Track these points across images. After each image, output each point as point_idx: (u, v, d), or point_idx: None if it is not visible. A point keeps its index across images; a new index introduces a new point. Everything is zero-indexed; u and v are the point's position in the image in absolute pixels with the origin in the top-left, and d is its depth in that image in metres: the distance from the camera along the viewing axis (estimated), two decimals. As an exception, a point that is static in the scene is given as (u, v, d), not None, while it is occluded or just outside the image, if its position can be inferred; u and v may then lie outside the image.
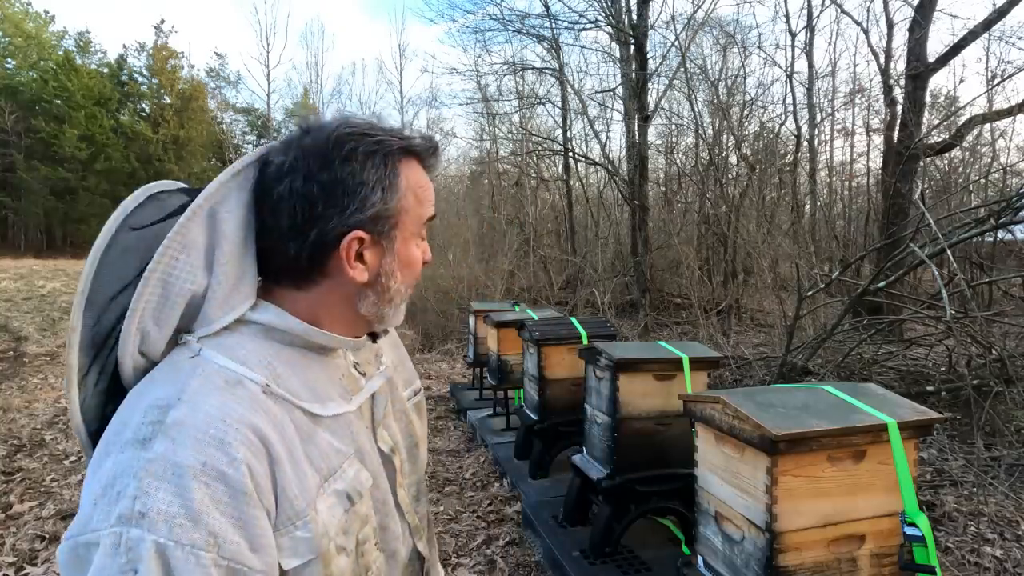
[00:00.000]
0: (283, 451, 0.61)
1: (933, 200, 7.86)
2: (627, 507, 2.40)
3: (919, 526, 1.40)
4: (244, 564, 0.56)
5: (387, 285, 0.72)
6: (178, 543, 0.52)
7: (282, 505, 0.61)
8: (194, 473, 0.54)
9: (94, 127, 29.20)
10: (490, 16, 11.18)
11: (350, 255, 0.68)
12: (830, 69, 12.64)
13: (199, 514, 0.53)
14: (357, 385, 0.76)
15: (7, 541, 2.73)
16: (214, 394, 0.59)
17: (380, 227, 0.69)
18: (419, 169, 0.74)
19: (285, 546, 0.61)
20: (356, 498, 0.69)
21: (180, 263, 0.63)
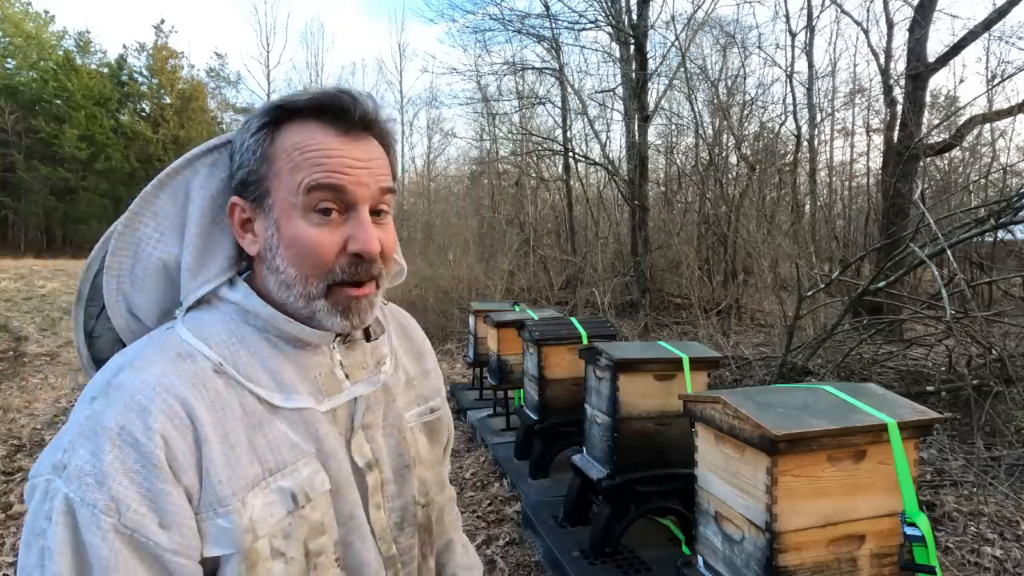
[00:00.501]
0: (214, 432, 0.59)
1: (933, 200, 7.86)
2: (627, 507, 2.40)
3: (919, 526, 1.40)
4: (150, 538, 0.54)
5: (275, 264, 0.65)
6: (83, 501, 0.52)
7: (206, 487, 0.58)
8: (110, 436, 0.54)
9: (94, 127, 29.23)
10: (490, 16, 11.20)
11: (234, 220, 0.67)
12: (830, 69, 12.65)
13: (105, 476, 0.53)
14: (337, 387, 0.70)
15: (7, 541, 2.73)
16: (159, 364, 0.59)
17: (251, 193, 0.65)
18: (312, 131, 0.64)
19: (207, 532, 0.58)
20: (303, 500, 0.63)
21: (148, 228, 0.66)
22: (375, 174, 0.66)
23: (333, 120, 0.65)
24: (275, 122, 0.65)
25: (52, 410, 4.72)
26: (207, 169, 0.68)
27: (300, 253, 0.63)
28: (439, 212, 14.69)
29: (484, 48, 19.43)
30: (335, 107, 0.64)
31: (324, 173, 0.63)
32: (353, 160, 0.64)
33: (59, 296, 11.39)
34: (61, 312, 9.58)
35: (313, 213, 0.63)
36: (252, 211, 0.66)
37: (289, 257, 0.64)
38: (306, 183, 0.62)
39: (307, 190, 0.62)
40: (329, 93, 0.65)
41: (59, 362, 6.37)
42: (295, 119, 0.65)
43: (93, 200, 29.76)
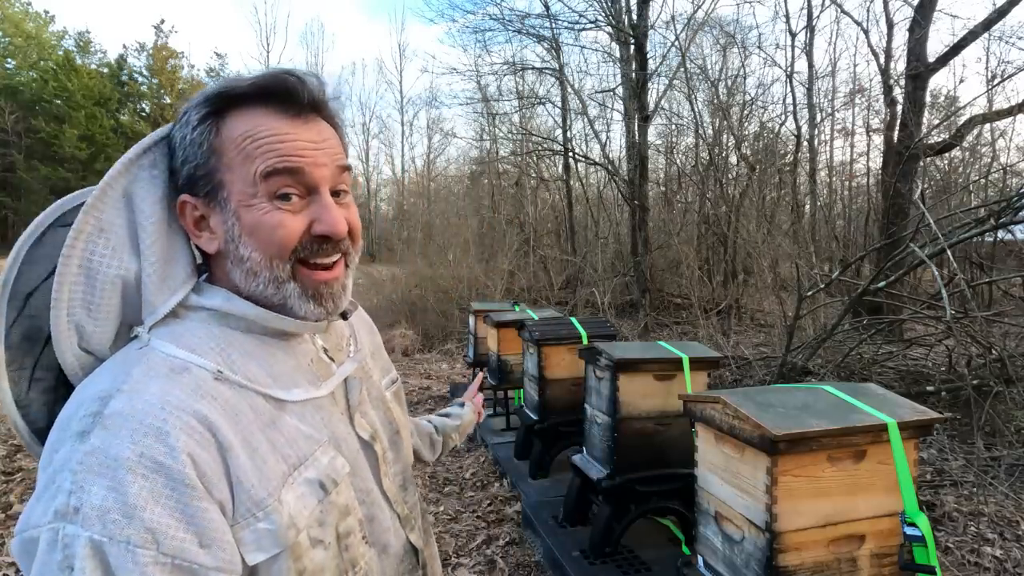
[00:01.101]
0: (236, 439, 0.57)
1: (933, 200, 7.86)
2: (627, 507, 2.40)
3: (919, 526, 1.40)
4: (193, 561, 0.52)
5: (239, 254, 0.62)
6: (112, 539, 0.49)
7: (239, 496, 0.56)
8: (130, 466, 0.51)
9: (94, 127, 29.23)
10: (490, 16, 11.17)
11: (187, 220, 0.64)
12: (830, 69, 12.64)
13: (135, 509, 0.50)
14: (328, 371, 0.71)
15: (7, 541, 2.73)
16: (155, 382, 0.56)
17: (201, 189, 0.63)
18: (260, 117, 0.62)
19: (247, 540, 0.56)
20: (331, 487, 0.64)
21: (99, 246, 0.60)
22: (330, 154, 0.64)
23: (280, 104, 0.62)
24: (217, 112, 0.62)
25: (52, 410, 4.72)
26: (147, 172, 0.64)
27: (264, 237, 0.61)
28: (439, 212, 14.69)
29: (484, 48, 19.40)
30: (281, 90, 0.62)
31: (279, 158, 0.61)
32: (307, 143, 0.62)
33: (59, 296, 11.39)
34: (61, 312, 9.59)
35: (275, 199, 0.61)
36: (205, 207, 0.63)
37: (253, 243, 0.62)
38: (262, 170, 0.60)
39: (263, 177, 0.60)
40: (273, 75, 0.62)
41: (59, 362, 6.37)
42: (239, 106, 0.62)
43: (93, 200, 29.78)
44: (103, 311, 0.60)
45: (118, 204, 0.61)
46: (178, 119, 0.65)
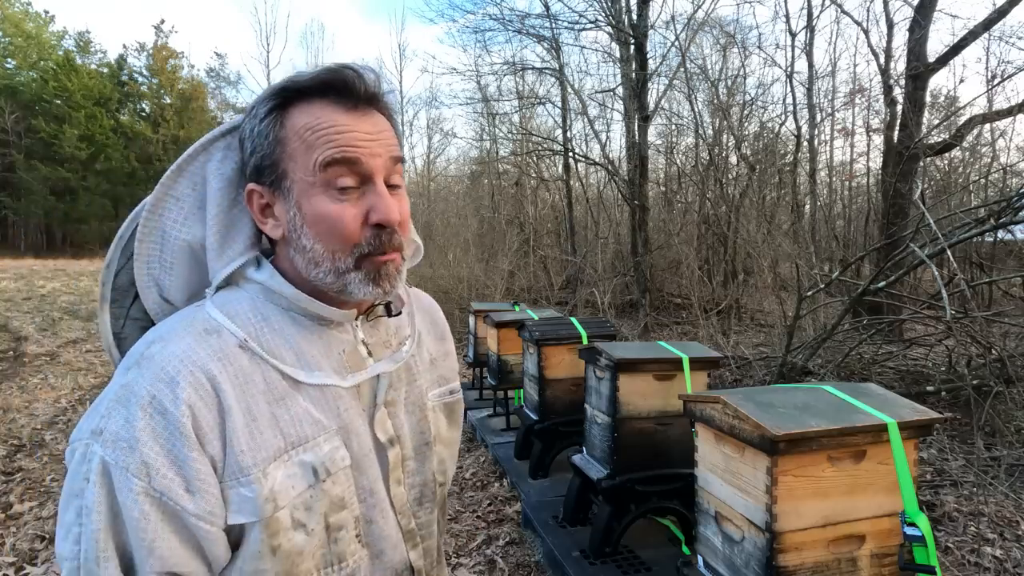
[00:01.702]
0: (238, 404, 0.61)
1: (933, 200, 7.86)
2: (627, 507, 2.40)
3: (919, 526, 1.39)
4: (177, 502, 0.57)
5: (301, 243, 0.66)
6: (117, 464, 0.56)
7: (229, 457, 0.60)
8: (141, 404, 0.57)
9: (94, 127, 29.23)
10: (490, 16, 11.20)
11: (254, 209, 0.68)
12: (830, 69, 12.64)
13: (137, 442, 0.56)
14: (361, 364, 0.71)
15: (7, 541, 2.73)
16: (187, 338, 0.62)
17: (267, 178, 0.66)
18: (320, 110, 0.65)
19: (231, 500, 0.60)
20: (324, 475, 0.65)
21: (172, 212, 0.68)
22: (385, 144, 0.67)
23: (339, 97, 0.65)
24: (282, 105, 0.66)
25: (52, 410, 4.72)
26: (221, 152, 0.70)
27: (326, 229, 0.64)
28: (439, 212, 14.69)
29: (484, 48, 19.46)
30: (340, 84, 0.65)
31: (337, 148, 0.63)
32: (363, 134, 0.65)
33: (59, 296, 11.38)
34: (61, 312, 9.58)
35: (332, 190, 0.64)
36: (270, 195, 0.67)
37: (315, 235, 0.65)
38: (321, 160, 0.63)
39: (323, 167, 0.63)
40: (333, 71, 0.65)
41: (59, 362, 6.37)
42: (302, 100, 0.66)
43: (93, 200, 29.74)
44: (175, 269, 0.69)
45: (193, 179, 0.69)
46: (247, 111, 0.68)
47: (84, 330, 8.23)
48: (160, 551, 0.57)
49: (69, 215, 29.67)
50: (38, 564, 2.58)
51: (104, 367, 6.24)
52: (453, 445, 0.85)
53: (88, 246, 28.94)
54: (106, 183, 30.18)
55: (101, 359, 6.61)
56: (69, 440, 0.60)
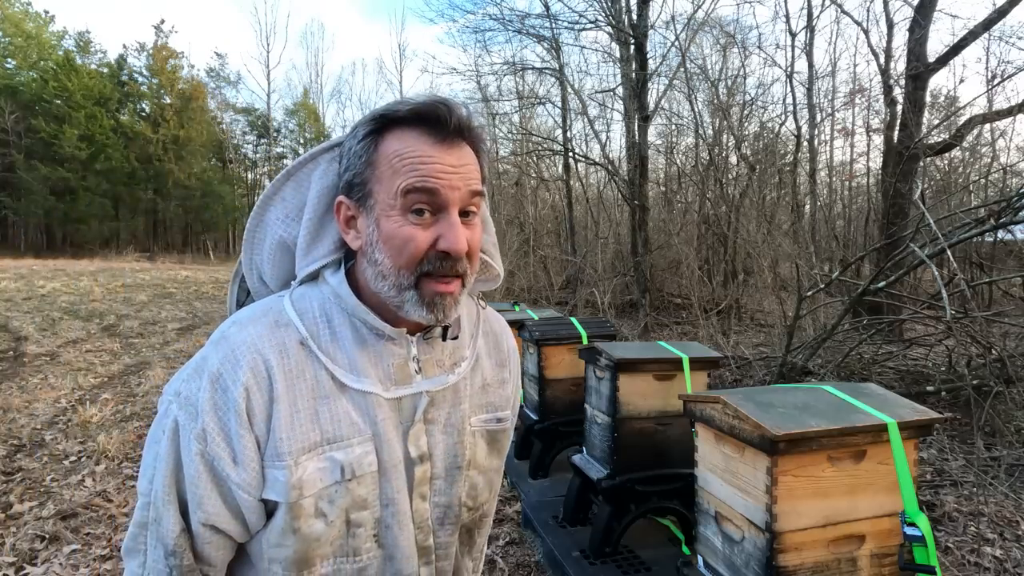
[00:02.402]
0: (286, 395, 0.68)
1: (933, 200, 7.86)
2: (627, 507, 2.40)
3: (919, 526, 1.39)
4: (224, 470, 0.66)
5: (374, 257, 0.71)
6: (184, 426, 0.67)
7: (271, 440, 0.67)
8: (212, 378, 0.67)
9: (94, 127, 29.21)
10: (490, 16, 11.18)
11: (340, 218, 0.74)
12: (830, 69, 12.64)
13: (201, 410, 0.66)
14: (407, 379, 0.74)
15: (7, 541, 2.73)
16: (259, 326, 0.71)
17: (355, 194, 0.72)
18: (411, 139, 0.69)
19: (267, 478, 0.68)
20: (350, 474, 0.70)
21: (275, 210, 0.78)
22: (466, 178, 0.70)
23: (430, 128, 0.70)
24: (378, 130, 0.71)
25: (52, 410, 4.72)
26: (326, 164, 0.77)
27: (396, 247, 0.69)
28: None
29: (484, 48, 19.44)
30: (432, 117, 0.69)
31: (419, 177, 0.68)
32: (446, 166, 0.69)
33: (59, 296, 11.38)
34: (61, 312, 9.58)
35: (409, 213, 0.69)
36: (356, 210, 0.72)
37: (386, 250, 0.70)
38: (403, 186, 0.68)
39: (404, 192, 0.68)
40: (427, 104, 0.70)
41: (59, 362, 6.37)
42: (396, 127, 0.71)
43: (93, 200, 29.72)
44: (272, 259, 0.79)
45: (300, 183, 0.78)
46: (350, 131, 0.75)
47: (84, 330, 8.23)
48: (206, 506, 0.67)
49: (69, 215, 29.66)
50: (38, 564, 2.58)
51: (103, 367, 6.24)
52: (490, 472, 0.84)
53: (88, 246, 28.93)
54: (106, 183, 30.15)
55: (101, 359, 6.61)
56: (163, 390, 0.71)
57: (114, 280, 14.81)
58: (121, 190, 31.19)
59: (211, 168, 35.31)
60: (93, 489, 3.30)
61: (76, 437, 4.10)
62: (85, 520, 2.96)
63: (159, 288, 13.89)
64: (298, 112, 38.53)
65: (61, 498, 3.18)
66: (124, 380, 5.75)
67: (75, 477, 3.46)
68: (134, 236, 33.02)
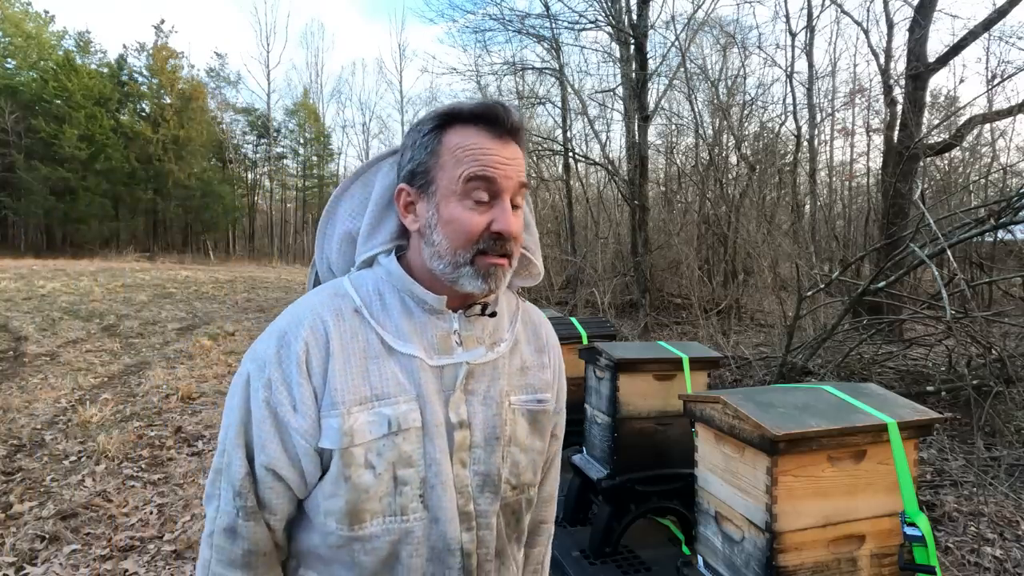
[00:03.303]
0: (341, 352, 0.77)
1: (933, 200, 7.86)
2: (627, 507, 2.40)
3: (919, 526, 1.39)
4: (285, 415, 0.75)
5: (432, 238, 0.79)
6: (254, 376, 0.77)
7: (327, 391, 0.75)
8: (279, 335, 0.77)
9: (94, 127, 29.19)
10: (490, 16, 11.16)
11: (400, 203, 0.83)
12: (830, 69, 12.64)
13: (267, 363, 0.76)
14: (450, 350, 0.82)
15: (7, 541, 2.73)
16: (321, 296, 0.81)
17: (418, 182, 0.80)
18: (472, 134, 0.78)
19: (323, 427, 0.75)
20: (396, 427, 0.76)
21: (343, 207, 0.90)
22: (516, 170, 0.79)
23: (488, 126, 0.78)
24: (441, 126, 0.79)
25: (52, 410, 4.72)
26: (388, 166, 0.88)
27: (455, 229, 0.77)
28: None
29: (484, 48, 19.43)
30: (491, 116, 0.78)
31: (480, 167, 0.76)
32: (503, 158, 0.78)
33: (59, 296, 11.38)
34: (61, 312, 9.58)
35: (468, 199, 0.77)
36: (416, 196, 0.81)
37: (446, 232, 0.78)
38: (465, 174, 0.76)
39: (466, 180, 0.76)
40: (487, 105, 0.79)
41: (59, 362, 6.37)
42: (458, 123, 0.79)
43: (93, 200, 29.70)
44: (339, 250, 0.90)
45: (366, 183, 0.90)
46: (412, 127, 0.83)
47: (84, 330, 8.23)
48: (268, 449, 0.75)
49: (69, 215, 29.63)
50: (38, 564, 2.58)
51: (103, 367, 6.24)
52: (533, 452, 0.89)
53: (88, 246, 28.92)
54: (106, 183, 30.13)
55: (101, 359, 6.61)
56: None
57: (114, 280, 14.81)
58: (121, 190, 31.17)
59: (211, 168, 35.30)
60: (93, 489, 3.30)
61: (76, 437, 4.10)
62: (85, 520, 2.96)
63: (159, 288, 13.89)
64: (298, 112, 38.52)
65: (61, 498, 3.18)
66: (124, 380, 5.75)
67: (75, 477, 3.46)
68: (134, 236, 33.00)
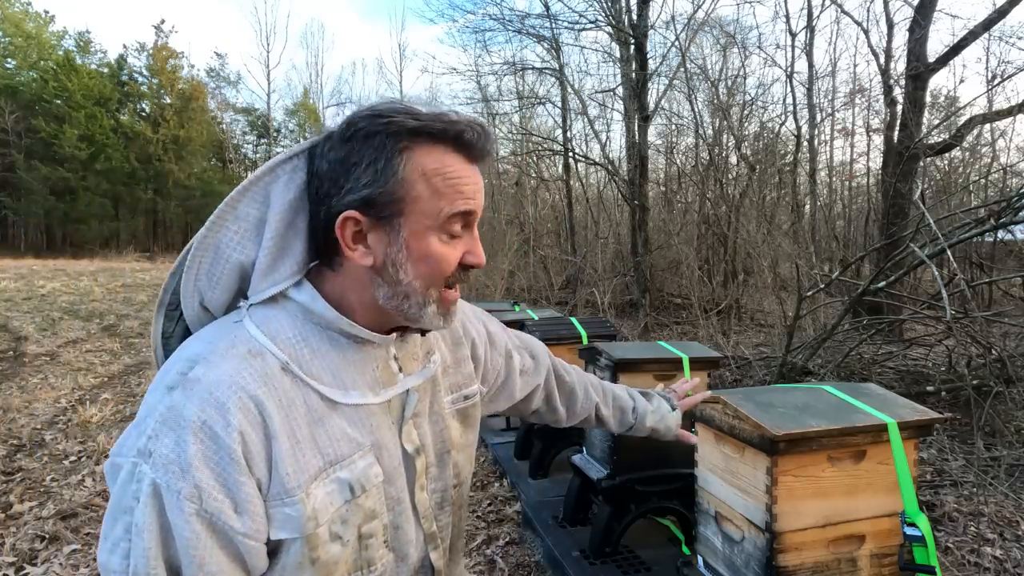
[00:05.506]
0: (282, 428, 0.64)
1: (933, 200, 7.86)
2: (627, 507, 2.40)
3: (919, 526, 1.39)
4: (226, 523, 0.60)
5: (396, 277, 0.68)
6: (169, 487, 0.59)
7: (274, 479, 0.63)
8: (193, 428, 0.60)
9: (94, 127, 29.21)
10: (490, 16, 11.16)
11: (345, 235, 0.68)
12: (830, 69, 12.63)
13: (189, 466, 0.59)
14: (392, 379, 0.75)
15: (7, 541, 2.73)
16: (232, 360, 0.64)
17: (378, 212, 0.67)
18: (446, 156, 0.67)
19: (275, 518, 0.64)
20: (359, 491, 0.69)
21: (230, 232, 0.69)
22: (483, 195, 0.73)
23: (465, 150, 0.69)
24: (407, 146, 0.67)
25: (52, 410, 4.72)
26: (287, 176, 0.70)
27: (431, 268, 0.68)
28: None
29: (484, 48, 19.43)
30: (468, 140, 0.68)
31: (464, 201, 0.68)
32: (476, 187, 0.70)
33: (59, 296, 11.38)
34: (61, 312, 9.58)
35: (443, 233, 0.68)
36: (370, 226, 0.67)
37: (419, 270, 0.68)
38: (448, 211, 0.67)
39: (449, 216, 0.67)
40: (467, 124, 0.68)
41: (59, 362, 6.37)
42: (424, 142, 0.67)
43: (93, 200, 29.72)
44: (221, 283, 0.71)
45: (256, 199, 0.70)
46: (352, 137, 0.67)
47: (84, 330, 8.23)
48: (209, 567, 0.60)
49: (69, 215, 29.65)
50: (38, 564, 2.58)
51: (103, 367, 6.24)
52: (468, 448, 0.87)
53: (88, 246, 28.93)
54: (106, 183, 30.14)
55: (101, 359, 6.61)
56: (110, 453, 0.63)
57: (114, 280, 14.81)
58: (121, 190, 31.19)
59: (211, 168, 35.33)
60: (93, 489, 3.30)
61: (76, 437, 4.10)
62: (85, 520, 2.96)
63: (159, 288, 13.85)
64: (298, 112, 38.54)
65: (61, 498, 3.18)
66: (124, 380, 5.75)
67: (75, 477, 3.46)
68: (134, 236, 33.02)
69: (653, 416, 1.16)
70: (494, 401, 1.02)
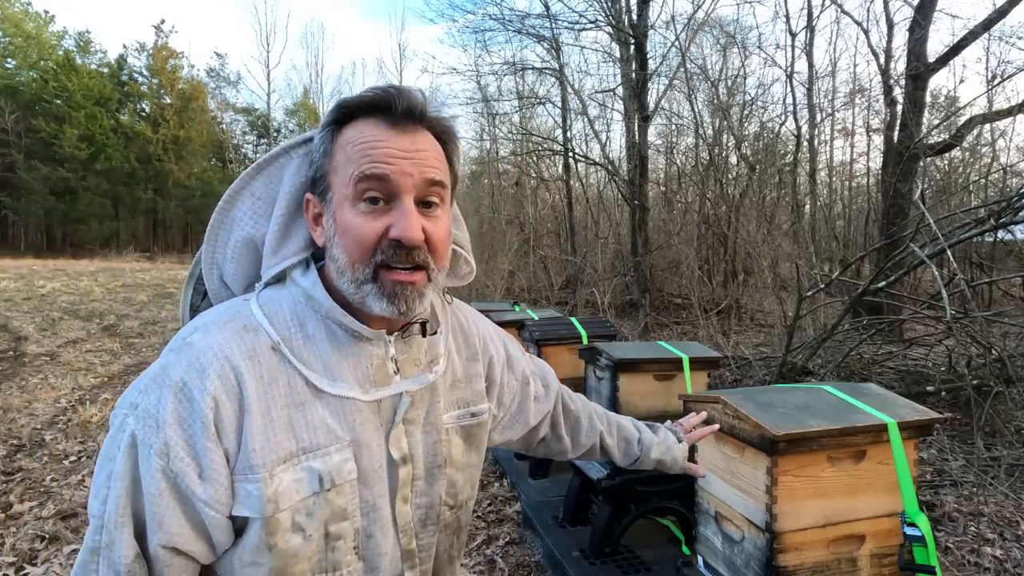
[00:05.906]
0: (258, 404, 0.64)
1: (933, 200, 7.86)
2: (627, 507, 2.40)
3: (919, 526, 1.40)
4: (189, 486, 0.60)
5: (333, 253, 0.68)
6: (144, 440, 0.60)
7: (242, 452, 0.63)
8: (174, 388, 0.61)
9: (94, 127, 29.21)
10: (490, 16, 11.15)
11: (309, 217, 0.71)
12: (830, 69, 12.63)
13: (164, 423, 0.60)
14: (386, 380, 0.72)
15: (7, 541, 2.73)
16: (226, 331, 0.66)
17: (318, 188, 0.70)
18: (365, 126, 0.67)
19: (238, 494, 0.63)
20: (329, 484, 0.66)
21: (244, 206, 0.73)
22: (420, 164, 0.67)
23: (382, 115, 0.68)
24: (338, 121, 0.69)
25: (52, 410, 4.72)
26: (299, 158, 0.73)
27: (348, 240, 0.66)
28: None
29: (484, 48, 19.43)
30: (381, 102, 0.67)
31: (370, 163, 0.65)
32: (398, 150, 0.66)
33: (59, 296, 11.38)
34: (61, 312, 9.58)
35: (361, 202, 0.66)
36: (320, 206, 0.70)
37: (341, 244, 0.67)
38: (355, 174, 0.66)
39: (356, 180, 0.66)
40: (376, 88, 0.68)
41: (59, 362, 6.37)
42: (355, 118, 0.69)
43: (93, 200, 29.71)
44: (236, 259, 0.73)
45: (271, 178, 0.73)
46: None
47: (84, 330, 8.23)
48: (168, 527, 0.61)
49: (69, 215, 29.64)
50: (38, 564, 2.58)
51: (103, 367, 6.24)
52: (469, 469, 0.82)
53: (88, 246, 28.92)
54: (106, 183, 30.14)
55: (101, 359, 6.61)
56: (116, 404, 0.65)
57: (114, 280, 14.81)
58: (121, 190, 31.19)
59: (211, 168, 35.34)
60: (93, 489, 3.30)
61: (76, 437, 4.10)
62: (85, 520, 2.96)
63: (159, 288, 13.88)
64: (298, 112, 38.52)
65: (61, 498, 3.18)
66: (124, 380, 5.75)
67: (75, 477, 3.45)
68: (134, 236, 33.02)
69: (659, 448, 1.13)
70: (510, 428, 0.98)
